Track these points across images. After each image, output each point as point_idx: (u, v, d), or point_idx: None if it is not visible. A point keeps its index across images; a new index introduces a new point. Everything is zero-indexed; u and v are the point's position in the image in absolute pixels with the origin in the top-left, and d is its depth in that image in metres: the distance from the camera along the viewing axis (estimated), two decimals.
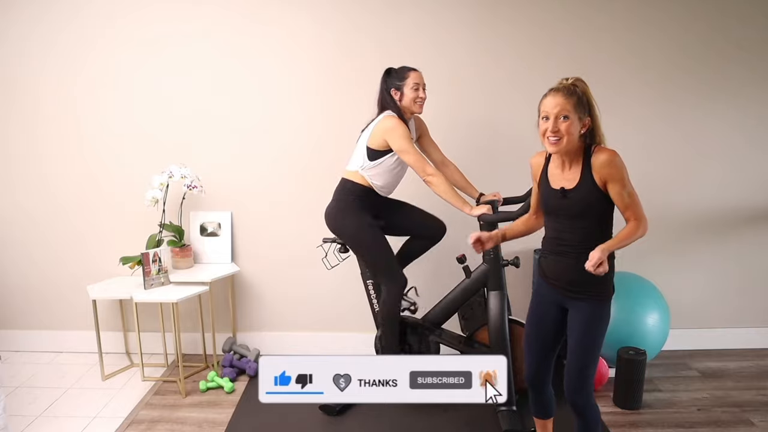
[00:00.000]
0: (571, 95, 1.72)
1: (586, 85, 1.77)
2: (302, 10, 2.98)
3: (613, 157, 1.72)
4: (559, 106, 1.71)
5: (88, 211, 3.20)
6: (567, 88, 1.74)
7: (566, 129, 1.71)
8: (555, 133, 1.72)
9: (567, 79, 1.77)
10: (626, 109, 3.01)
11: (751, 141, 3.07)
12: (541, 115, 1.76)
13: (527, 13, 2.96)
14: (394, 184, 2.62)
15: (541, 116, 1.76)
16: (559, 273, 1.86)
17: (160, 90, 3.08)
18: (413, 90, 2.49)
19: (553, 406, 2.10)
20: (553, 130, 1.71)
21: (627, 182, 1.73)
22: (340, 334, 3.24)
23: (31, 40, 3.06)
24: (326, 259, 2.72)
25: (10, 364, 3.16)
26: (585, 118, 1.75)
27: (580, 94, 1.73)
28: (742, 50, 2.97)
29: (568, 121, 1.71)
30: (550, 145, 1.74)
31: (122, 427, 2.54)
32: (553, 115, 1.71)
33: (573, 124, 1.72)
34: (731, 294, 3.22)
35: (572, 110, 1.71)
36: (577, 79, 1.77)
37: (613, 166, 1.71)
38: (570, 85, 1.75)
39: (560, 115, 1.71)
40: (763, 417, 2.56)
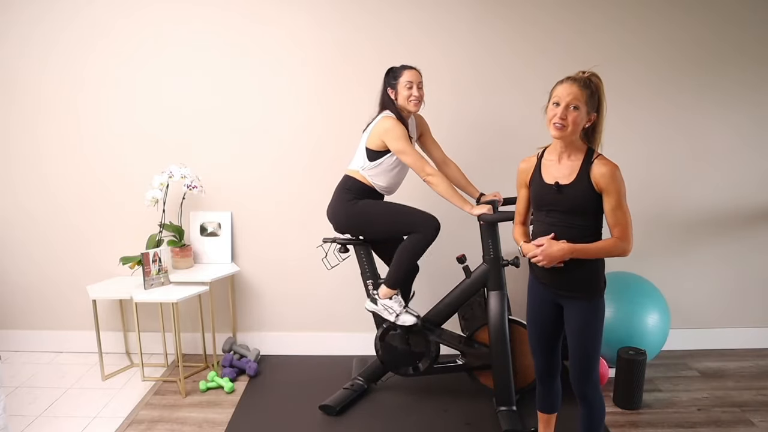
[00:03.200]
0: (585, 88, 1.74)
1: (600, 81, 1.78)
2: (302, 10, 2.99)
3: (615, 171, 1.73)
4: (572, 95, 1.73)
5: (89, 211, 3.20)
6: (583, 80, 1.76)
7: (573, 119, 1.74)
8: (562, 120, 1.74)
9: (584, 72, 1.79)
10: (626, 110, 3.01)
11: (750, 142, 3.07)
12: (552, 100, 1.78)
13: (527, 14, 2.96)
14: (396, 184, 2.62)
15: (551, 101, 1.78)
16: (548, 272, 1.88)
17: (161, 90, 3.08)
18: (407, 88, 2.47)
19: (558, 401, 2.11)
20: (561, 117, 1.74)
21: (623, 200, 1.75)
22: (340, 334, 3.24)
23: (31, 41, 3.06)
24: (326, 259, 2.72)
25: (10, 364, 3.16)
26: (592, 113, 1.77)
27: (593, 89, 1.76)
28: (741, 52, 2.97)
29: (576, 112, 1.74)
30: (554, 130, 1.77)
31: (122, 427, 2.54)
32: (564, 103, 1.74)
33: (580, 116, 1.74)
34: (731, 294, 3.22)
35: (583, 102, 1.74)
36: (593, 74, 1.78)
37: (613, 181, 1.73)
38: (586, 78, 1.77)
39: (571, 104, 1.74)
40: (763, 417, 2.56)
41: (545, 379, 2.06)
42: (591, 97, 1.75)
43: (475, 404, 2.68)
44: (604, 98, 1.78)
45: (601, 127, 1.81)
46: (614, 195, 1.73)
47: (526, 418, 2.49)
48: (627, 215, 1.76)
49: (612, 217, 1.76)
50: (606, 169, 1.73)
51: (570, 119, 1.74)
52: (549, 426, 2.16)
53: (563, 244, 1.77)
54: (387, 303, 2.56)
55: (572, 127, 1.74)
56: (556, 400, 2.10)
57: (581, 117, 1.74)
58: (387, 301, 2.56)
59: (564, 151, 1.82)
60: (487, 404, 2.65)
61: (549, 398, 2.09)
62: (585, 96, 1.73)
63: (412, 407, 2.67)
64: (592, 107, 1.76)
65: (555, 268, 1.83)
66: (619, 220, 1.75)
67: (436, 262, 2.99)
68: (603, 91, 1.78)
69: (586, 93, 1.74)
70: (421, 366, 2.66)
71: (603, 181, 1.73)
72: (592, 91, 1.75)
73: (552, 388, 2.08)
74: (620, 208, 1.74)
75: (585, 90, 1.74)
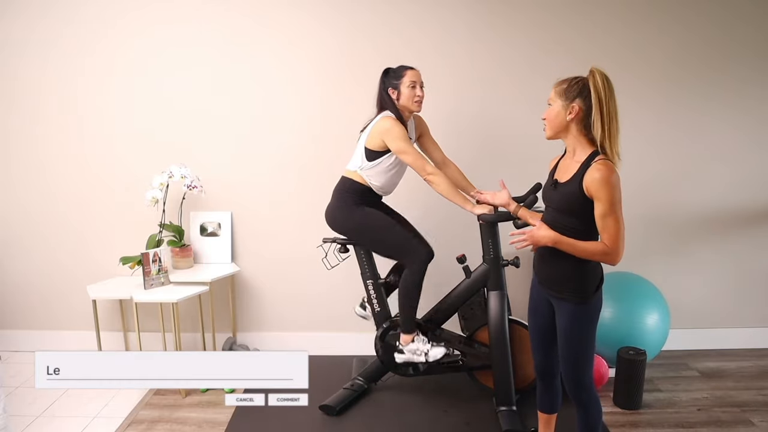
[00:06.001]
0: (561, 83, 1.77)
1: (594, 74, 1.70)
2: (302, 10, 2.98)
3: (608, 177, 1.65)
4: (550, 96, 1.80)
5: (88, 211, 3.20)
6: (563, 78, 1.79)
7: (546, 115, 1.81)
8: (544, 119, 1.83)
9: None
10: (626, 109, 2.98)
11: (751, 141, 3.07)
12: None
13: (529, 13, 2.96)
14: (393, 184, 2.62)
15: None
16: (541, 269, 1.91)
17: (161, 90, 3.08)
18: (410, 88, 2.48)
19: (558, 401, 2.11)
20: (543, 117, 1.83)
21: (614, 207, 1.67)
22: (340, 334, 3.24)
23: (31, 41, 3.06)
24: (326, 259, 2.72)
25: (10, 364, 3.16)
26: (572, 105, 1.74)
27: (571, 81, 1.75)
28: (746, 50, 2.97)
29: (549, 108, 1.80)
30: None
31: (122, 427, 2.55)
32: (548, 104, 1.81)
33: (554, 110, 1.78)
34: (731, 294, 3.22)
35: (555, 97, 1.78)
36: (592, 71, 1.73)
37: (603, 187, 1.65)
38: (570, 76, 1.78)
39: (548, 102, 1.81)
40: (763, 417, 2.56)
41: (545, 377, 2.06)
42: (568, 90, 1.74)
43: (475, 404, 2.68)
44: (599, 90, 1.69)
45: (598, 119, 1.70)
46: (604, 202, 1.67)
47: (526, 418, 2.49)
48: (618, 224, 1.68)
49: (600, 223, 1.70)
50: (598, 175, 1.66)
51: (545, 115, 1.81)
52: (549, 426, 2.15)
53: (551, 231, 1.78)
54: (412, 347, 2.57)
55: (548, 124, 1.81)
56: (556, 400, 2.10)
57: (554, 111, 1.78)
58: (411, 345, 2.57)
59: (571, 150, 1.83)
60: (487, 404, 2.65)
61: (548, 397, 2.09)
62: (557, 91, 1.77)
63: (412, 407, 2.67)
64: (568, 98, 1.74)
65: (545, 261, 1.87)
66: (608, 227, 1.69)
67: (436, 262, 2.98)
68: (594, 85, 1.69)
69: (559, 88, 1.77)
70: (421, 366, 2.66)
71: (593, 187, 1.68)
72: (570, 84, 1.75)
73: (551, 387, 2.07)
74: (610, 216, 1.67)
75: (559, 86, 1.77)
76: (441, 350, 2.55)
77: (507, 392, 2.52)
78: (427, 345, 2.56)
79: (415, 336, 2.57)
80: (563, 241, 1.76)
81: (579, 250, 1.75)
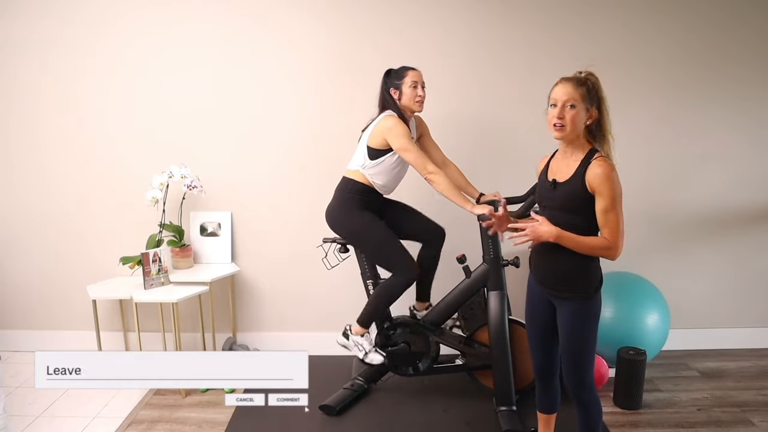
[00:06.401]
0: (581, 85, 1.75)
1: (597, 79, 1.78)
2: (302, 11, 2.98)
3: (609, 173, 1.70)
4: (567, 95, 1.74)
5: (89, 211, 3.20)
6: (578, 78, 1.76)
7: (571, 118, 1.74)
8: (560, 119, 1.74)
9: (581, 72, 1.79)
10: (626, 109, 3.01)
11: (751, 141, 3.07)
12: (550, 102, 1.79)
13: (529, 14, 2.96)
14: (395, 183, 2.62)
15: (550, 104, 1.79)
16: (541, 268, 1.90)
17: (161, 90, 3.08)
18: (412, 88, 2.49)
19: (558, 401, 2.11)
20: (559, 116, 1.74)
21: (615, 203, 1.71)
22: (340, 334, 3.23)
23: (31, 41, 3.06)
24: (326, 259, 2.72)
25: (10, 364, 3.16)
26: (592, 110, 1.76)
27: (590, 86, 1.76)
28: (744, 51, 2.97)
29: (574, 110, 1.74)
30: (555, 131, 1.77)
31: (122, 427, 2.54)
32: (560, 103, 1.74)
33: (579, 114, 1.74)
34: (731, 294, 3.22)
35: (580, 100, 1.74)
36: (589, 73, 1.79)
37: (605, 182, 1.70)
38: (582, 76, 1.77)
39: (567, 104, 1.74)
40: (763, 417, 2.56)
41: (543, 376, 2.05)
42: (588, 94, 1.75)
43: (475, 404, 2.68)
44: (604, 95, 1.77)
45: (606, 124, 1.79)
46: (605, 197, 1.70)
47: (526, 418, 2.49)
48: (618, 220, 1.72)
49: (602, 218, 1.73)
50: (600, 170, 1.71)
51: (568, 118, 1.74)
52: (549, 426, 2.15)
53: (553, 226, 1.76)
54: (358, 340, 2.63)
55: (571, 126, 1.74)
56: (556, 400, 2.10)
57: (579, 115, 1.74)
58: (358, 338, 2.63)
59: (567, 150, 1.82)
60: (487, 404, 2.65)
61: (548, 397, 2.09)
62: (580, 93, 1.74)
63: (412, 407, 2.67)
64: (590, 103, 1.76)
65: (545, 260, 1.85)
66: (609, 222, 1.72)
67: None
68: (601, 89, 1.77)
69: (581, 90, 1.74)
70: (421, 366, 2.66)
71: (595, 182, 1.71)
72: (589, 88, 1.75)
73: (551, 387, 2.07)
74: (611, 211, 1.71)
75: (580, 88, 1.74)
76: (380, 358, 2.60)
77: (507, 392, 2.52)
78: (371, 347, 2.62)
79: (366, 333, 2.63)
80: (565, 236, 1.75)
81: (581, 245, 1.75)
